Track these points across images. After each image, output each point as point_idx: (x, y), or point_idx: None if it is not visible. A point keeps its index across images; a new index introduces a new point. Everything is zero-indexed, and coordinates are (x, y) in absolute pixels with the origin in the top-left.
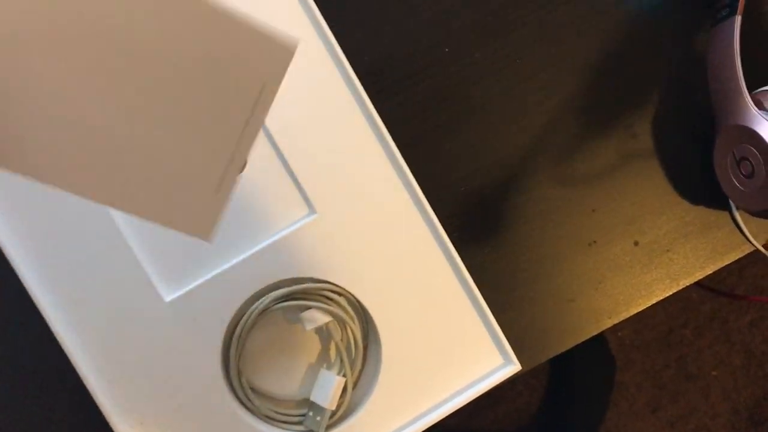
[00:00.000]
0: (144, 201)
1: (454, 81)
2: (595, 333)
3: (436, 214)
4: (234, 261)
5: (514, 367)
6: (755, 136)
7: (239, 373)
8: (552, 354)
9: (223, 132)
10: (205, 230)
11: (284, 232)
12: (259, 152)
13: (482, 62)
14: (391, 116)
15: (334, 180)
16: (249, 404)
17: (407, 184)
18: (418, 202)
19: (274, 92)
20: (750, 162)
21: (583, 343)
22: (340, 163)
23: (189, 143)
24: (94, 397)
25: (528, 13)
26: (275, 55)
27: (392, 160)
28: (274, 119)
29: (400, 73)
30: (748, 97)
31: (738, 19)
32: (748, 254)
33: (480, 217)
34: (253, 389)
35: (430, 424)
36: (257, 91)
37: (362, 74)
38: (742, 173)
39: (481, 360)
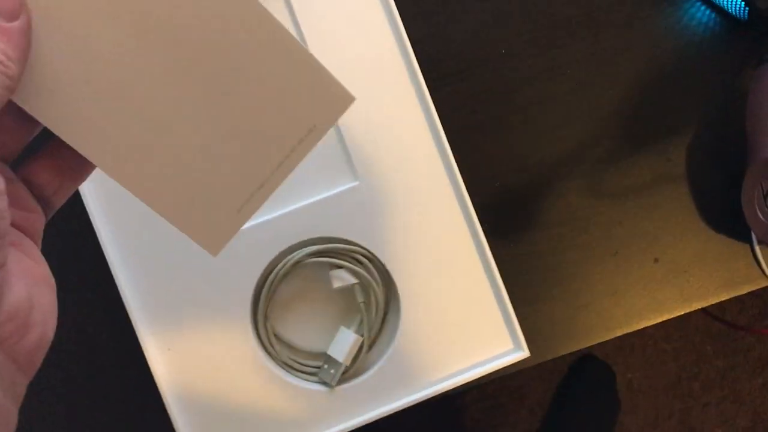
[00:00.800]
0: (166, 198)
1: (504, 81)
2: (604, 339)
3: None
4: (276, 213)
5: (523, 353)
6: None
7: (266, 318)
8: (560, 353)
9: (263, 158)
10: (215, 245)
11: (327, 194)
12: None
13: (534, 68)
14: (443, 104)
15: (381, 153)
16: (270, 349)
17: (449, 168)
18: (456, 187)
19: (318, 137)
20: None
21: (590, 376)
22: (389, 138)
23: (227, 157)
24: (133, 322)
25: (585, 30)
26: (332, 103)
27: (438, 144)
28: None
29: (457, 65)
30: None
31: None
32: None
33: (510, 213)
34: (275, 335)
35: (435, 395)
36: (306, 131)
37: (422, 61)
38: (767, 207)
39: (493, 342)
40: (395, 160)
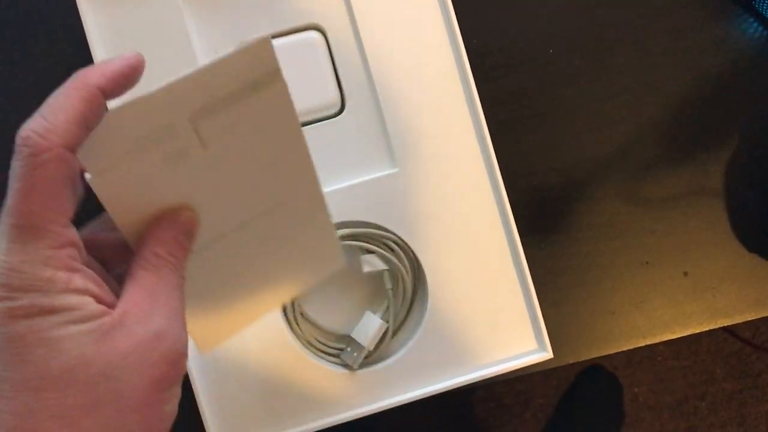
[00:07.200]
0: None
1: (550, 79)
2: (627, 348)
3: None
4: None
5: (546, 354)
6: None
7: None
8: (582, 357)
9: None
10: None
11: (364, 179)
12: (364, 102)
13: (580, 69)
14: (487, 97)
15: (422, 142)
16: (295, 327)
17: (488, 163)
18: (494, 182)
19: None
20: None
21: (597, 386)
22: (431, 128)
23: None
24: None
25: (634, 35)
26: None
27: (479, 136)
28: (382, 77)
29: (503, 60)
30: None
31: None
32: None
33: (544, 213)
34: (302, 314)
35: (453, 388)
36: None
37: (470, 52)
38: None
39: (517, 341)
40: (436, 150)
